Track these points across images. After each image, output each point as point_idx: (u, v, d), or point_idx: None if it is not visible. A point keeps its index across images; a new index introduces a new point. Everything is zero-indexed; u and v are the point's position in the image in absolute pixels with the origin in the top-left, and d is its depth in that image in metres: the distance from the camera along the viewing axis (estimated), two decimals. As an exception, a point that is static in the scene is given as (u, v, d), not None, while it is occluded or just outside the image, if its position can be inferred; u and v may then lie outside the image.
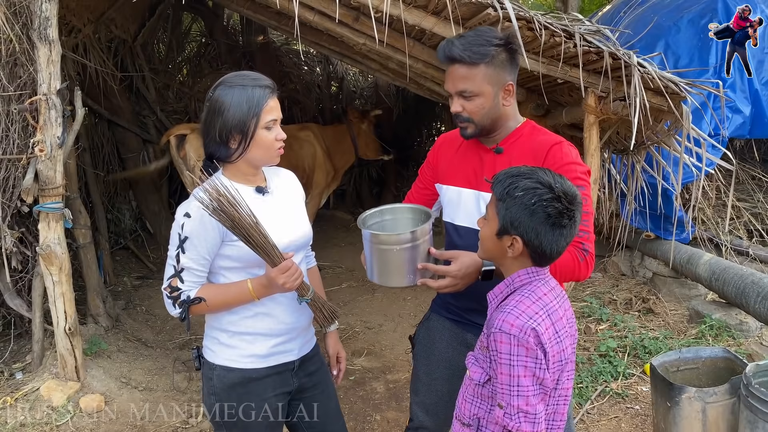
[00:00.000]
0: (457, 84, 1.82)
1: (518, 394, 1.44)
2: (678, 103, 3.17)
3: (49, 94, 3.10)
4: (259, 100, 1.72)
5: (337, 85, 8.41)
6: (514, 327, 1.44)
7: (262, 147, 1.76)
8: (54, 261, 3.20)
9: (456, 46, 1.79)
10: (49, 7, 3.06)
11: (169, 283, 1.73)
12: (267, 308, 1.82)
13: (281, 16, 4.14)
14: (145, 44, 6.30)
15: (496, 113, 1.85)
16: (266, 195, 1.84)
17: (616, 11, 6.17)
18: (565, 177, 1.54)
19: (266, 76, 1.80)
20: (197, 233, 1.70)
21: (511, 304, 1.50)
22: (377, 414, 3.41)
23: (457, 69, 1.81)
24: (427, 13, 2.98)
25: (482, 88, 1.80)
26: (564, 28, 2.86)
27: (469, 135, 1.89)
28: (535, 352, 1.43)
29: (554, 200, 1.47)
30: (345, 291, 5.36)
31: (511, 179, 1.52)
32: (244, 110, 1.71)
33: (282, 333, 1.85)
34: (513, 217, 1.49)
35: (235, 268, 1.79)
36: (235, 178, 1.80)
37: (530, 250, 1.52)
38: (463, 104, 1.83)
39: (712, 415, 2.65)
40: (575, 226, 1.52)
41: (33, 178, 3.18)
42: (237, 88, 1.73)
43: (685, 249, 4.45)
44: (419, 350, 2.13)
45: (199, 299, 1.73)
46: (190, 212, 1.71)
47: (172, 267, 1.73)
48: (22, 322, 3.83)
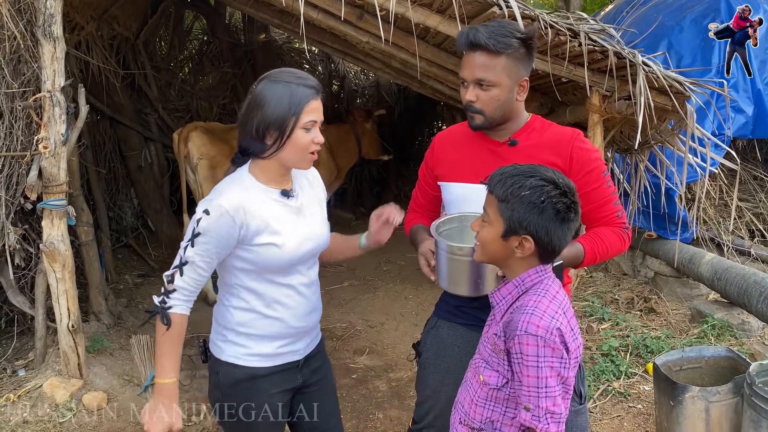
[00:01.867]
0: (476, 72, 1.80)
1: (546, 396, 1.43)
2: (682, 103, 3.17)
3: (53, 91, 3.10)
4: (302, 98, 1.67)
5: (338, 83, 8.41)
6: (541, 328, 1.42)
7: (297, 147, 1.70)
8: (57, 258, 3.20)
9: (481, 32, 1.77)
10: (54, 4, 3.05)
11: (172, 273, 1.72)
12: (278, 313, 1.81)
13: (284, 14, 4.14)
14: (147, 42, 6.30)
15: (509, 107, 1.86)
16: (291, 198, 1.80)
17: (618, 11, 6.16)
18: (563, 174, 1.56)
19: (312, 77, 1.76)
20: (211, 231, 1.67)
21: (530, 305, 1.47)
22: (380, 412, 3.41)
23: (477, 57, 1.79)
24: (432, 11, 2.99)
25: (501, 79, 1.80)
26: (569, 27, 2.86)
27: (476, 126, 1.88)
28: (561, 352, 1.43)
29: (561, 196, 1.47)
30: (346, 290, 5.37)
31: (513, 179, 1.49)
32: (284, 107, 1.66)
33: (289, 335, 1.85)
34: (521, 216, 1.47)
35: (250, 270, 1.77)
36: (262, 177, 1.76)
37: (540, 248, 1.50)
38: (478, 94, 1.82)
39: (715, 415, 2.65)
40: (579, 218, 1.54)
41: (37, 175, 3.18)
42: (281, 83, 1.68)
43: (687, 249, 4.45)
44: (428, 358, 2.08)
45: (168, 322, 1.69)
46: (210, 210, 1.67)
47: (179, 257, 1.72)
48: (25, 319, 3.83)
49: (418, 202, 2.17)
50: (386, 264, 5.98)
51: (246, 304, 1.80)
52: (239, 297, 1.81)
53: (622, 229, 1.91)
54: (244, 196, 1.71)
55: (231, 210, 1.67)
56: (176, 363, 1.75)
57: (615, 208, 1.90)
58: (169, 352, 1.73)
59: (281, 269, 1.78)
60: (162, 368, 1.73)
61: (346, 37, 3.72)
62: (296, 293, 1.83)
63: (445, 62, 3.71)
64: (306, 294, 1.86)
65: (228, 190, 1.72)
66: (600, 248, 1.86)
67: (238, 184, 1.74)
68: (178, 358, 1.76)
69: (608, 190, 1.90)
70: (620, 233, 1.91)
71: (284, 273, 1.80)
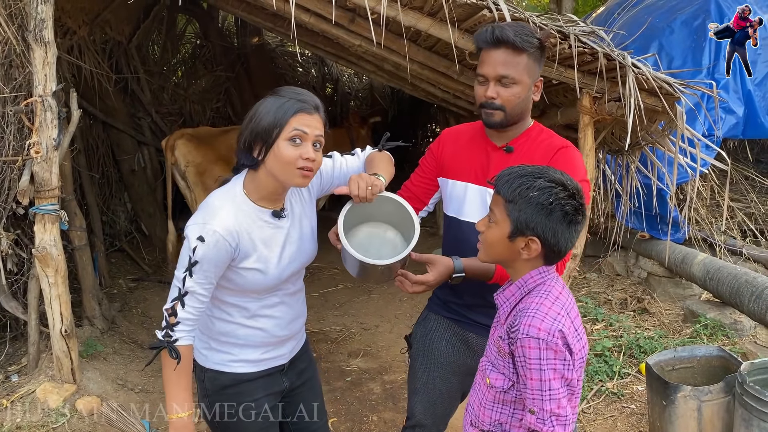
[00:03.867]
0: (499, 69, 1.81)
1: (550, 398, 1.43)
2: (672, 104, 3.19)
3: (45, 96, 3.09)
4: (288, 110, 1.63)
5: (332, 86, 8.43)
6: (542, 331, 1.42)
7: (279, 160, 1.63)
8: (50, 263, 3.19)
9: (507, 29, 1.79)
10: (45, 9, 3.05)
11: (172, 306, 1.66)
12: (261, 323, 1.81)
13: (276, 17, 4.15)
14: (139, 46, 6.30)
15: (526, 105, 1.89)
16: (281, 219, 1.77)
17: (609, 13, 6.20)
18: None
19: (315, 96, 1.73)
20: (209, 258, 1.63)
21: (532, 307, 1.47)
22: (374, 415, 3.41)
23: (501, 53, 1.80)
24: (423, 14, 2.99)
25: (522, 76, 1.82)
26: (559, 29, 2.87)
27: (495, 123, 1.88)
28: (564, 354, 1.43)
29: (570, 198, 1.47)
30: (341, 292, 5.37)
31: (521, 179, 1.48)
32: (270, 118, 1.64)
33: (274, 343, 1.86)
34: (528, 217, 1.46)
35: (231, 289, 1.76)
36: (254, 194, 1.72)
37: (546, 250, 1.50)
38: (499, 90, 1.83)
39: (708, 414, 2.67)
40: (586, 221, 1.54)
41: (29, 179, 3.17)
42: (274, 97, 1.67)
43: (679, 249, 4.48)
44: (417, 349, 2.13)
45: (178, 356, 1.65)
46: (205, 236, 1.62)
47: (177, 289, 1.66)
48: (18, 324, 3.82)
49: (409, 185, 2.17)
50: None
51: (229, 317, 1.80)
52: (222, 309, 1.80)
53: None
54: (236, 217, 1.67)
55: (226, 235, 1.63)
56: (189, 394, 1.71)
57: None
58: (180, 385, 1.69)
59: (265, 291, 1.78)
60: (177, 402, 1.69)
61: (338, 40, 3.73)
62: (280, 303, 1.83)
63: (437, 65, 3.72)
64: (290, 303, 1.86)
65: (220, 209, 1.66)
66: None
67: (230, 202, 1.69)
68: (189, 389, 1.72)
69: None
70: None
71: (268, 292, 1.80)
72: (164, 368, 1.68)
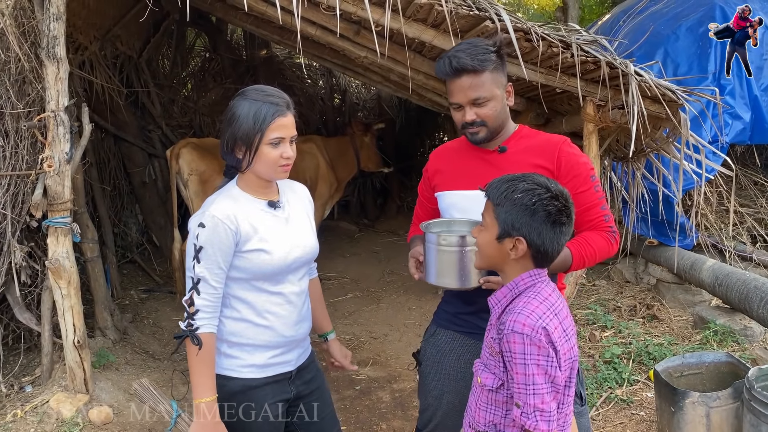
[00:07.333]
0: (469, 93, 1.88)
1: (534, 393, 1.47)
2: (676, 111, 3.20)
3: (57, 111, 3.15)
4: (266, 116, 1.74)
5: (339, 97, 8.49)
6: (526, 326, 1.47)
7: (265, 163, 1.79)
8: (63, 275, 3.24)
9: (463, 57, 1.86)
10: (57, 26, 3.12)
11: (190, 296, 1.76)
12: (269, 321, 1.87)
13: (284, 30, 4.21)
14: (150, 60, 6.39)
15: (505, 114, 1.97)
16: (278, 209, 1.89)
17: (615, 20, 6.22)
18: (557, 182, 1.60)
19: (283, 93, 1.84)
20: (211, 242, 1.74)
21: (519, 305, 1.53)
22: (383, 423, 3.43)
23: (465, 80, 1.88)
24: (427, 26, 3.04)
25: (492, 91, 1.89)
26: (561, 39, 2.90)
27: (480, 139, 1.95)
28: (547, 350, 1.47)
29: (553, 199, 1.52)
30: (350, 301, 5.39)
31: (507, 183, 1.56)
32: (249, 124, 1.74)
33: (280, 345, 1.90)
34: (514, 219, 1.53)
35: (241, 279, 1.83)
36: (248, 189, 1.86)
37: (533, 251, 1.55)
38: (476, 111, 1.90)
39: (716, 420, 2.66)
40: (572, 224, 1.58)
41: (42, 193, 3.23)
42: (248, 101, 1.77)
43: (688, 255, 4.47)
44: (428, 366, 2.12)
45: (200, 342, 1.74)
46: (204, 222, 1.75)
47: (190, 279, 1.76)
48: (32, 335, 3.87)
49: (419, 216, 2.24)
50: (389, 275, 6.01)
51: (238, 313, 1.86)
52: (231, 307, 1.86)
53: (609, 233, 1.96)
54: (234, 204, 1.80)
55: (223, 217, 1.75)
56: (213, 380, 1.79)
57: (602, 212, 1.96)
58: (203, 371, 1.77)
59: (271, 276, 1.84)
60: (201, 387, 1.77)
61: (344, 51, 3.78)
62: (286, 302, 1.89)
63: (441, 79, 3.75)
64: (296, 303, 1.92)
65: (217, 201, 1.80)
66: (587, 252, 1.91)
67: (226, 196, 1.83)
68: (213, 375, 1.80)
69: (596, 194, 1.95)
70: (607, 237, 1.96)
71: (274, 281, 1.86)
72: (189, 356, 1.78)
